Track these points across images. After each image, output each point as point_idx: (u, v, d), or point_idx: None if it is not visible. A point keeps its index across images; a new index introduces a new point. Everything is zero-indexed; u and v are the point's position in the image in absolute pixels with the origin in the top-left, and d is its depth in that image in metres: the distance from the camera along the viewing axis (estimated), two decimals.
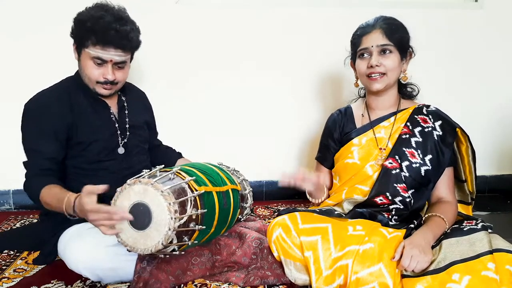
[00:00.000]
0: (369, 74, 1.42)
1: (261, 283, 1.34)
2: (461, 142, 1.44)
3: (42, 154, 1.36)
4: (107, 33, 1.33)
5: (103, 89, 1.43)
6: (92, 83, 1.42)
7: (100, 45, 1.35)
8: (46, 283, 1.36)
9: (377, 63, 1.40)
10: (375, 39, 1.40)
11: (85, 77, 1.42)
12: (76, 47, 1.41)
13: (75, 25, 1.39)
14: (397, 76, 1.45)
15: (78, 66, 1.45)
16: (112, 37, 1.34)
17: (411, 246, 1.19)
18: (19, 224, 1.89)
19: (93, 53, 1.36)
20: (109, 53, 1.37)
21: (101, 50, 1.36)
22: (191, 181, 1.27)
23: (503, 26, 2.23)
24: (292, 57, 2.15)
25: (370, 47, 1.41)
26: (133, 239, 1.18)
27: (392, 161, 1.41)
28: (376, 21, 1.43)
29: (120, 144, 1.50)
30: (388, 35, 1.39)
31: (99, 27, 1.32)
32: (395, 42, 1.40)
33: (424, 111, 1.46)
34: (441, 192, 1.44)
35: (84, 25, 1.34)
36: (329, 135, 1.58)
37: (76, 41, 1.41)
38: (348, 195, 1.46)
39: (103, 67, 1.39)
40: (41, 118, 1.38)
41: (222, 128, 2.19)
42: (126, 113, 1.55)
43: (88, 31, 1.34)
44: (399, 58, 1.42)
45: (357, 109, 1.57)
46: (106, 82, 1.41)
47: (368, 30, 1.42)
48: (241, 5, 2.08)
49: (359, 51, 1.44)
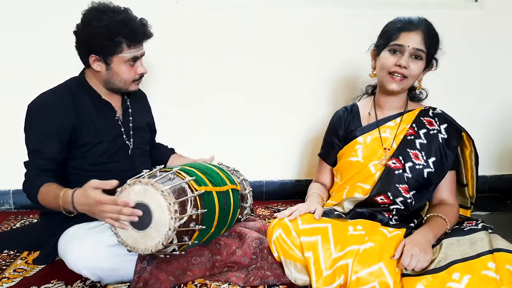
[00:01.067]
0: (393, 71, 1.39)
1: (261, 283, 1.34)
2: (466, 146, 1.44)
3: (43, 155, 1.36)
4: (139, 32, 1.39)
5: (136, 85, 1.49)
6: (128, 84, 1.46)
7: (134, 45, 1.39)
8: (46, 283, 1.36)
9: (407, 64, 1.36)
10: (414, 40, 1.36)
11: (119, 82, 1.44)
12: (102, 58, 1.38)
13: (96, 37, 1.34)
14: (413, 82, 1.44)
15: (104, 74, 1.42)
16: (141, 33, 1.40)
17: (411, 244, 1.19)
18: (19, 224, 1.89)
19: (129, 55, 1.39)
20: (141, 50, 1.44)
21: (135, 49, 1.40)
22: (191, 181, 1.27)
23: (503, 26, 2.23)
24: (293, 57, 2.15)
25: (406, 46, 1.36)
26: (133, 239, 1.18)
27: (396, 161, 1.41)
28: (419, 22, 1.38)
29: (126, 145, 1.52)
30: (426, 42, 1.37)
31: (130, 30, 1.36)
32: (428, 50, 1.38)
33: (430, 113, 1.46)
34: (443, 194, 1.44)
35: (114, 33, 1.34)
36: (334, 132, 1.58)
37: (99, 53, 1.38)
38: (349, 194, 1.46)
39: (136, 65, 1.44)
40: (44, 119, 1.38)
41: (222, 128, 2.19)
42: (130, 116, 1.56)
43: (122, 36, 1.35)
44: (424, 66, 1.41)
45: (363, 107, 1.57)
46: (141, 77, 1.48)
47: (411, 28, 1.37)
48: (241, 5, 2.08)
49: (392, 45, 1.39)
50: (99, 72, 1.42)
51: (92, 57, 1.39)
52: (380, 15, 1.47)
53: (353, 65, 1.54)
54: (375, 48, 1.49)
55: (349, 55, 2.07)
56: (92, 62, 1.40)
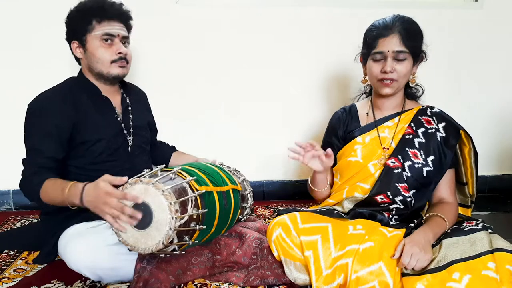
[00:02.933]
0: (381, 78, 1.40)
1: (261, 283, 1.34)
2: (464, 145, 1.44)
3: (43, 153, 1.36)
4: (108, 8, 1.41)
5: (118, 67, 1.45)
6: (107, 66, 1.44)
7: (105, 21, 1.40)
8: (46, 283, 1.36)
9: (391, 69, 1.37)
10: (392, 44, 1.36)
11: (98, 63, 1.43)
12: (79, 42, 1.43)
13: (70, 22, 1.43)
14: (406, 81, 1.44)
15: (85, 60, 1.46)
16: (113, 11, 1.42)
17: (411, 244, 1.19)
18: (19, 224, 1.89)
19: (100, 31, 1.40)
20: (115, 27, 1.42)
21: (108, 26, 1.41)
22: (192, 181, 1.27)
23: (503, 26, 2.23)
24: (294, 57, 2.16)
25: (385, 52, 1.37)
26: (134, 238, 1.18)
27: (395, 160, 1.41)
28: (393, 23, 1.37)
29: (126, 143, 1.52)
30: (405, 42, 1.35)
31: (98, 6, 1.40)
32: (410, 48, 1.37)
33: (428, 112, 1.46)
34: (443, 193, 1.44)
35: (82, 12, 1.40)
36: (333, 133, 1.58)
37: (76, 36, 1.43)
38: (349, 193, 1.47)
39: (113, 45, 1.43)
40: (44, 117, 1.38)
41: (223, 128, 2.19)
42: (130, 114, 1.56)
43: (89, 14, 1.39)
44: (412, 63, 1.40)
45: (361, 108, 1.57)
46: (120, 58, 1.44)
47: (385, 33, 1.37)
48: (241, 5, 2.08)
49: (374, 54, 1.40)
50: (82, 60, 1.46)
51: (74, 44, 1.44)
52: (380, 15, 1.47)
53: (353, 64, 1.54)
54: (362, 55, 1.51)
55: (349, 54, 2.07)
56: (74, 51, 1.45)
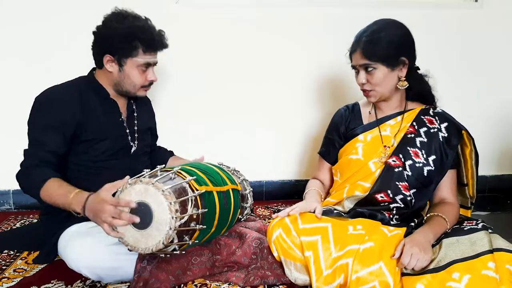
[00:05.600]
0: (362, 89, 1.45)
1: (261, 283, 1.34)
2: (466, 145, 1.44)
3: (45, 146, 1.37)
4: (157, 42, 1.45)
5: (144, 91, 1.53)
6: (137, 89, 1.49)
7: (150, 52, 1.44)
8: (46, 283, 1.36)
9: (364, 80, 1.41)
10: (357, 58, 1.41)
11: (129, 84, 1.47)
12: (115, 59, 1.43)
13: (114, 39, 1.40)
14: (390, 86, 1.43)
15: (115, 76, 1.46)
16: (159, 42, 1.46)
17: (411, 244, 1.19)
18: (19, 224, 1.89)
19: (142, 60, 1.44)
20: (154, 57, 1.48)
21: (150, 56, 1.45)
22: (192, 180, 1.27)
23: (503, 26, 2.24)
24: (294, 57, 2.16)
25: (356, 66, 1.43)
26: (134, 238, 1.18)
27: (396, 159, 1.41)
28: (358, 39, 1.41)
29: (129, 146, 1.54)
30: (367, 55, 1.38)
31: (150, 36, 1.42)
32: (377, 59, 1.38)
33: (431, 112, 1.47)
34: (444, 193, 1.44)
35: (132, 37, 1.40)
36: (335, 130, 1.59)
37: (115, 53, 1.42)
38: (349, 192, 1.47)
39: (147, 71, 1.48)
40: (50, 111, 1.39)
41: (223, 128, 2.19)
42: (135, 119, 1.58)
43: (139, 41, 1.41)
44: (387, 70, 1.39)
45: (364, 106, 1.58)
46: (150, 84, 1.51)
47: (353, 49, 1.43)
48: (242, 5, 2.08)
49: (352, 67, 1.46)
50: (111, 73, 1.46)
51: (107, 57, 1.43)
52: (379, 15, 1.47)
53: None
54: None
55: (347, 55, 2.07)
56: (106, 62, 1.44)
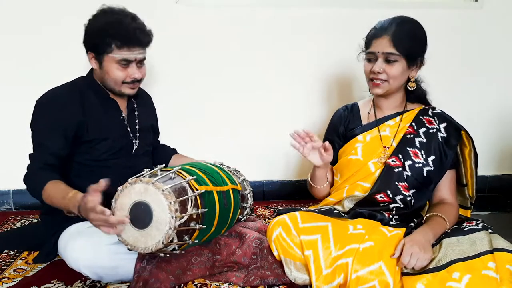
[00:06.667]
0: (371, 78, 1.42)
1: (261, 283, 1.33)
2: (465, 145, 1.44)
3: (48, 149, 1.37)
4: (131, 34, 1.37)
5: (129, 88, 1.47)
6: (119, 85, 1.45)
7: (126, 47, 1.38)
8: (46, 283, 1.36)
9: (380, 70, 1.38)
10: (382, 45, 1.37)
11: (110, 81, 1.44)
12: (95, 56, 1.42)
13: (90, 35, 1.40)
14: (400, 83, 1.43)
15: (98, 71, 1.45)
16: (137, 37, 1.38)
17: (411, 243, 1.19)
18: (19, 224, 1.89)
19: (119, 56, 1.39)
20: (133, 53, 1.40)
21: (127, 52, 1.39)
22: (191, 180, 1.27)
23: (503, 26, 2.23)
24: (294, 57, 2.15)
25: (376, 53, 1.38)
26: (133, 238, 1.18)
27: (395, 159, 1.41)
28: (389, 25, 1.38)
29: (131, 145, 1.53)
30: (395, 44, 1.35)
31: (123, 31, 1.36)
32: (402, 51, 1.36)
33: (430, 112, 1.47)
34: (443, 193, 1.44)
35: (104, 32, 1.36)
36: (334, 130, 1.58)
37: (94, 50, 1.41)
38: (349, 192, 1.46)
39: (128, 67, 1.42)
40: (51, 114, 1.40)
41: (223, 128, 2.19)
42: (136, 117, 1.57)
43: (110, 37, 1.36)
44: (405, 66, 1.39)
45: (363, 106, 1.58)
46: (133, 81, 1.45)
47: (378, 34, 1.38)
48: (241, 5, 2.08)
49: (367, 54, 1.43)
50: (96, 70, 1.46)
51: (90, 54, 1.43)
52: (379, 15, 1.47)
53: (355, 64, 1.54)
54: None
55: (348, 55, 2.07)
56: (89, 59, 1.44)
